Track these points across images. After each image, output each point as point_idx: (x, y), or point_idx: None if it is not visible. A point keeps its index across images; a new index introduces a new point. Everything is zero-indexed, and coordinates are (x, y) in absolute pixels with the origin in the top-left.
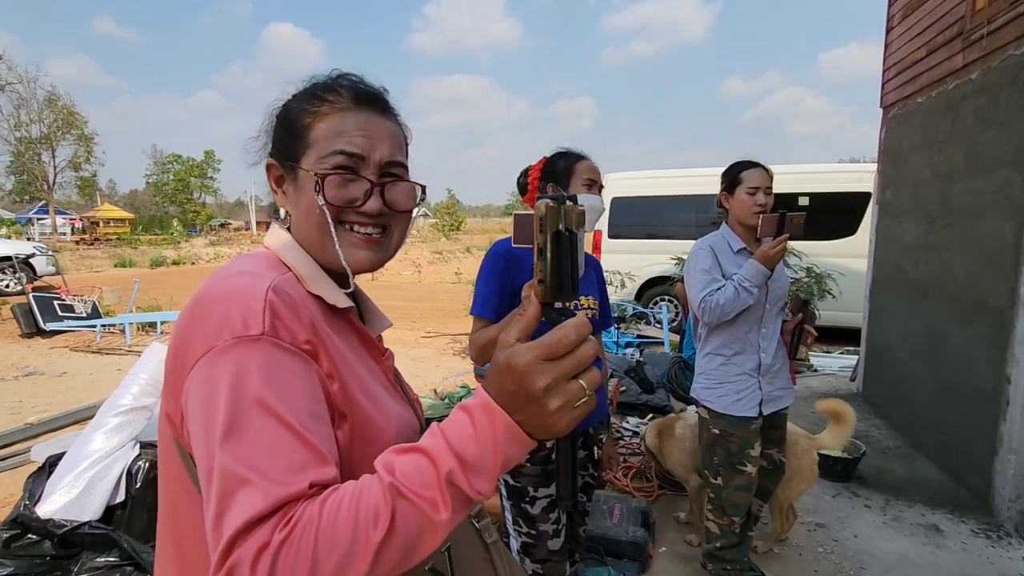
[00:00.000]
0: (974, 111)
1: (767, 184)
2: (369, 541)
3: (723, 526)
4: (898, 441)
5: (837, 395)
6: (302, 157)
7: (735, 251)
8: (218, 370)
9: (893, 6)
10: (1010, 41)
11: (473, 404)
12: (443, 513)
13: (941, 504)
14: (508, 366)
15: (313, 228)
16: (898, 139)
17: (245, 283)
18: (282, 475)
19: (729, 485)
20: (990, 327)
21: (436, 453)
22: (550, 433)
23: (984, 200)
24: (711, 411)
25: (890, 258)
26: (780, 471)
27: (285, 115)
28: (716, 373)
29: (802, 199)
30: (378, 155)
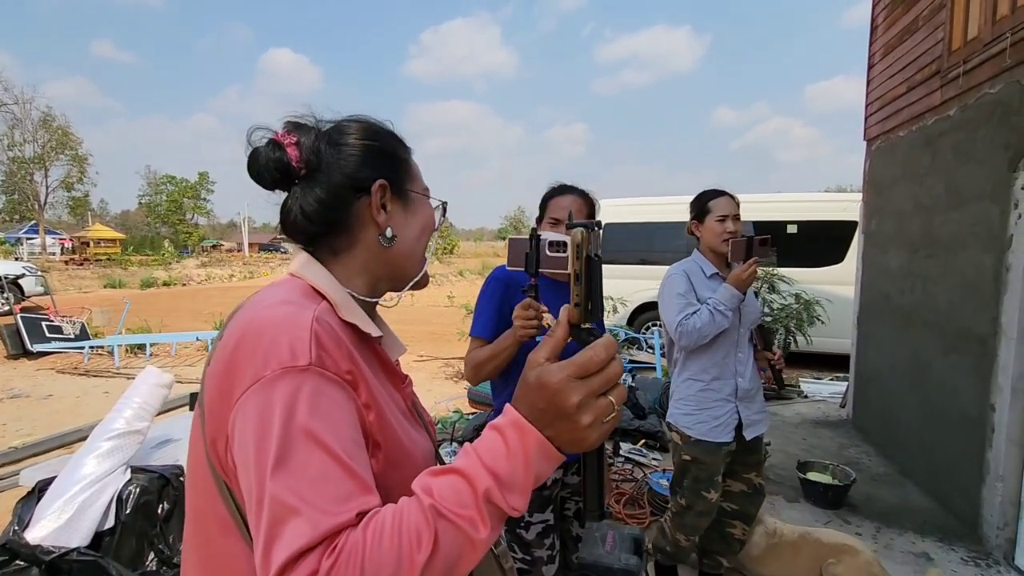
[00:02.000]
0: (953, 146)
1: (735, 211)
2: (414, 563)
3: (679, 539)
4: (887, 468)
5: (827, 421)
6: (410, 184)
7: (708, 276)
8: (267, 400)
9: (874, 44)
10: (985, 80)
11: (504, 423)
12: (482, 531)
13: (931, 531)
14: (540, 384)
15: (421, 247)
16: (881, 171)
17: (289, 312)
18: (330, 505)
19: (693, 509)
20: (973, 355)
21: (472, 473)
22: (580, 448)
23: (964, 232)
24: (685, 437)
25: (877, 286)
26: (760, 494)
27: (389, 145)
28: (695, 399)
29: (790, 227)
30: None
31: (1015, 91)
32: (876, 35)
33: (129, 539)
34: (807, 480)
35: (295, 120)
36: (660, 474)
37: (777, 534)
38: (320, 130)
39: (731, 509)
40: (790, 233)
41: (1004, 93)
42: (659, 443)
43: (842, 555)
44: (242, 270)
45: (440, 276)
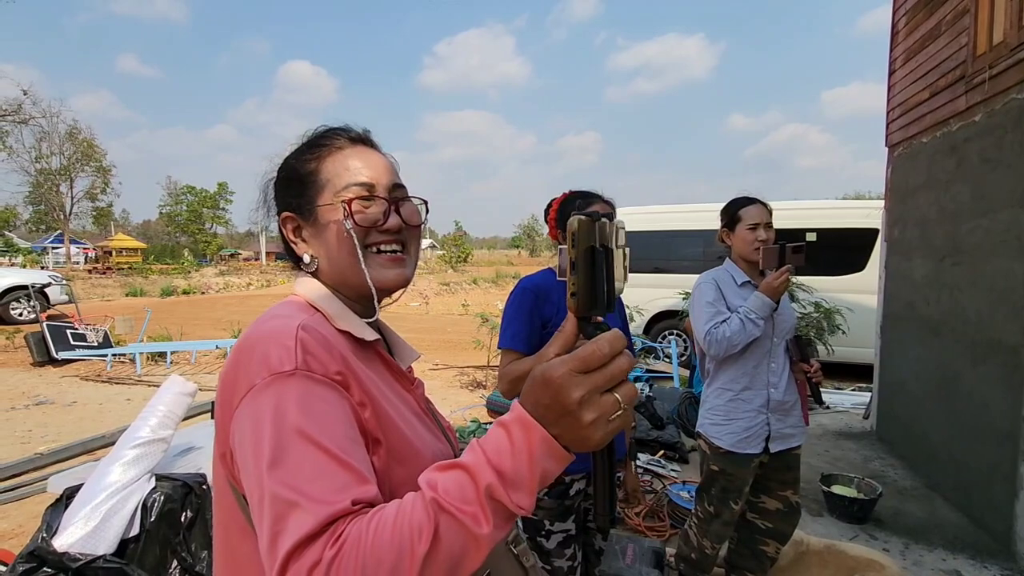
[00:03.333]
0: (979, 152)
1: (767, 219)
2: (415, 554)
3: (704, 545)
4: (915, 481)
5: (851, 433)
6: (317, 199)
7: (739, 284)
8: (259, 406)
9: (895, 50)
10: (1012, 85)
11: (510, 419)
12: (485, 527)
13: (962, 548)
14: (544, 379)
15: (344, 256)
16: (904, 178)
17: (278, 325)
18: (327, 495)
19: (720, 518)
20: (1004, 366)
21: (475, 468)
22: (585, 447)
23: (993, 239)
24: (714, 447)
25: (901, 295)
26: (796, 513)
27: (287, 172)
28: (725, 409)
29: (809, 235)
30: (384, 181)
31: None
32: (897, 41)
33: (153, 547)
34: (831, 493)
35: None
36: (680, 486)
37: (804, 545)
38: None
39: (765, 527)
40: (809, 241)
41: None
42: (678, 454)
43: (869, 570)
44: (259, 279)
45: (454, 284)
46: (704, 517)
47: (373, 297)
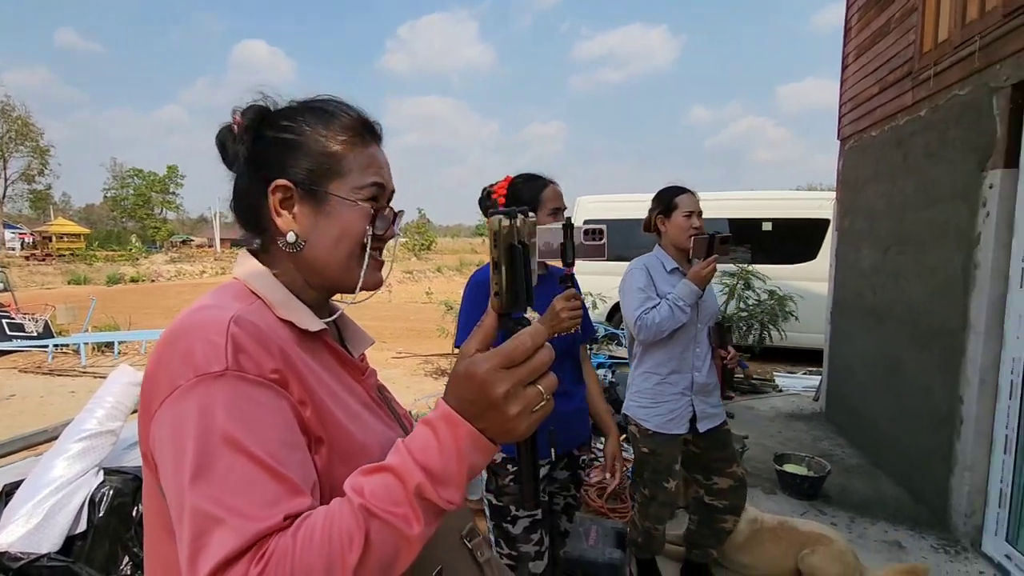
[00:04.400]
0: (924, 146)
1: (698, 208)
2: (346, 563)
3: (648, 528)
4: (861, 460)
5: (801, 415)
6: (331, 184)
7: (668, 271)
8: (183, 410)
9: (848, 45)
10: (955, 82)
11: (435, 417)
12: (416, 527)
13: (903, 521)
14: (468, 375)
15: (343, 253)
16: (854, 170)
17: (207, 318)
18: (255, 511)
19: (656, 499)
20: (943, 350)
21: (403, 470)
22: (511, 437)
23: (935, 230)
24: (643, 430)
25: (849, 283)
26: (744, 484)
27: (302, 138)
28: (652, 392)
29: (765, 224)
30: (391, 187)
31: (984, 93)
32: (850, 36)
33: (102, 543)
34: (784, 472)
35: (258, 101)
36: None
37: (759, 522)
38: (265, 112)
39: (722, 505)
40: (765, 231)
41: (973, 95)
42: None
43: (818, 544)
44: (214, 266)
45: (418, 272)
46: (643, 501)
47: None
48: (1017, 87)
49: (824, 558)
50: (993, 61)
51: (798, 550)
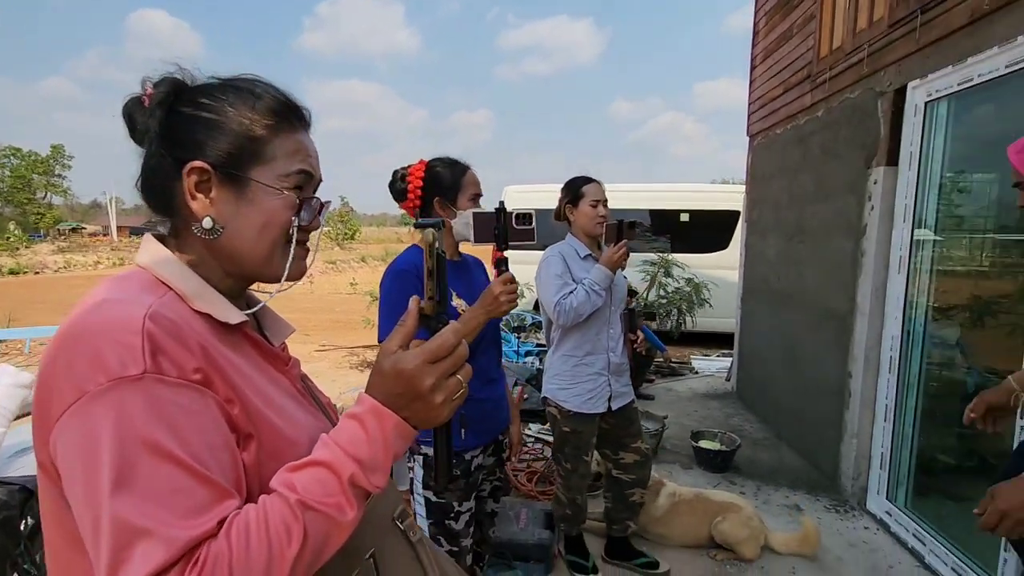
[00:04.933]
0: (820, 144)
1: (604, 197)
2: (285, 558)
3: (569, 499)
4: (766, 433)
5: (715, 394)
6: (254, 170)
7: (582, 257)
8: (94, 417)
9: (756, 47)
10: (847, 86)
11: (361, 411)
12: (350, 513)
13: (801, 486)
14: (396, 371)
15: (265, 244)
16: (762, 165)
17: (116, 313)
18: (184, 519)
19: (577, 472)
20: (835, 331)
21: (334, 462)
22: (434, 424)
23: (829, 221)
24: (563, 410)
25: (757, 270)
26: (649, 459)
27: (222, 118)
28: (570, 373)
29: (684, 215)
30: (318, 176)
31: (870, 97)
32: (758, 39)
33: None
34: (699, 448)
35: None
36: None
37: (677, 495)
38: (181, 86)
39: (630, 479)
40: (683, 221)
41: (861, 98)
42: None
43: (728, 512)
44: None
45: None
46: (565, 475)
47: (261, 280)
48: (899, 92)
49: (734, 524)
50: (878, 68)
51: (712, 518)
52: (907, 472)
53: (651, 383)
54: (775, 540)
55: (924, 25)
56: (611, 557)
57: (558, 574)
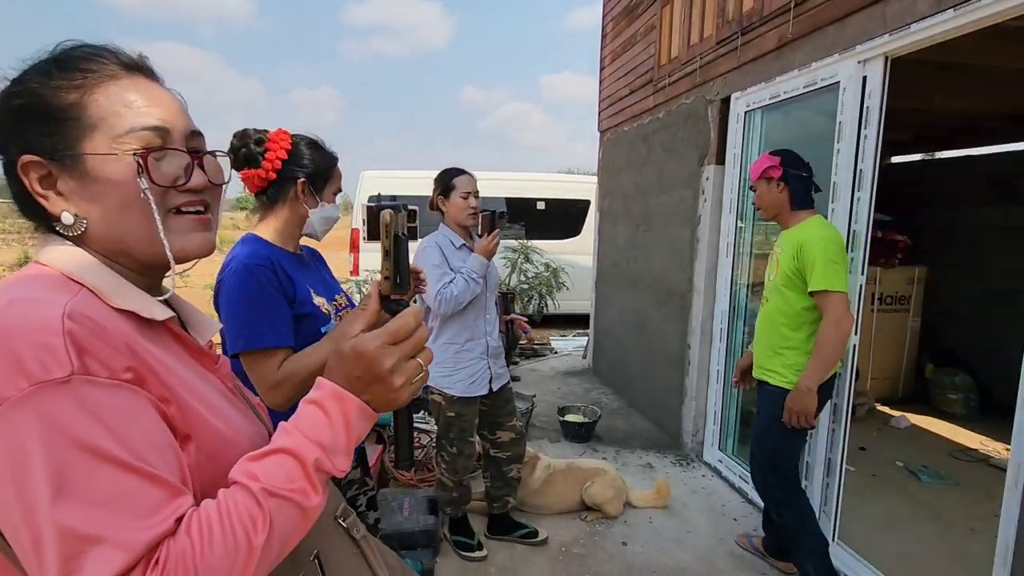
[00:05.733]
0: (662, 143)
1: (475, 189)
2: (253, 547)
3: (456, 482)
4: (621, 403)
5: (575, 372)
6: (83, 142)
7: (457, 247)
8: (19, 425)
9: (604, 49)
10: (683, 92)
11: (321, 395)
12: (314, 499)
13: (652, 447)
14: (357, 354)
15: (133, 221)
16: (611, 159)
17: (30, 314)
18: (138, 521)
19: (463, 454)
20: (677, 308)
21: (297, 448)
22: (394, 406)
23: (671, 212)
24: (447, 396)
25: (609, 255)
26: (523, 436)
27: (28, 99)
28: (452, 360)
29: (540, 203)
30: (180, 126)
31: (702, 104)
32: (606, 42)
33: None
34: (565, 422)
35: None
36: None
37: (551, 468)
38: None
39: (506, 456)
40: (540, 209)
41: (695, 105)
42: None
43: (596, 476)
44: None
45: None
46: (450, 460)
47: (170, 268)
48: (724, 101)
49: (601, 487)
50: (708, 79)
51: (582, 484)
52: (734, 425)
53: (516, 365)
54: (634, 497)
55: (744, 46)
56: (493, 533)
57: (445, 557)
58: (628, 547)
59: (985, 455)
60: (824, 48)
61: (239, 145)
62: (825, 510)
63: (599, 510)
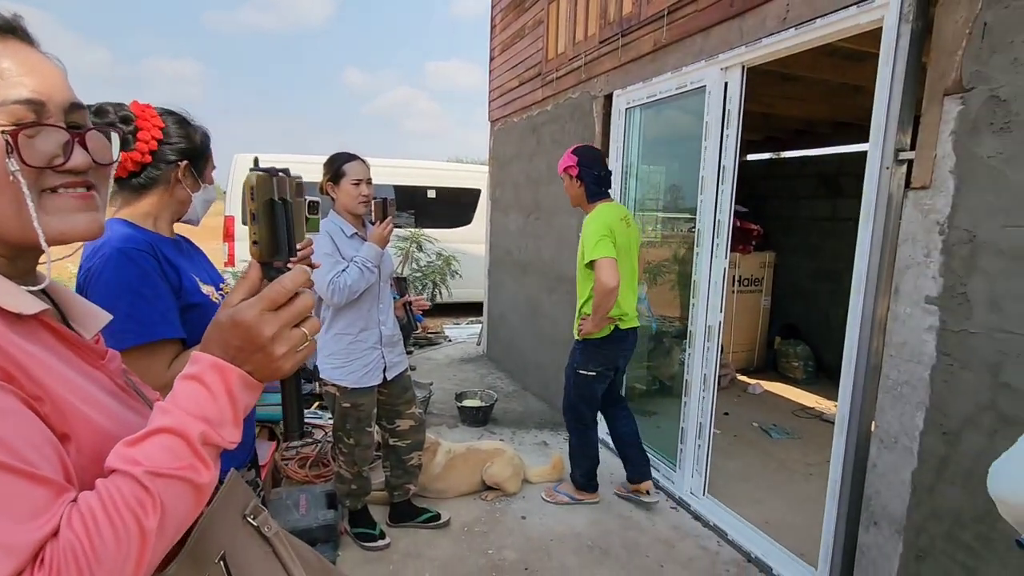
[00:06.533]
0: (551, 134)
1: (367, 176)
2: (145, 531)
3: (355, 474)
4: (515, 386)
5: (469, 358)
6: None
7: (348, 236)
8: None
9: (494, 40)
10: (569, 87)
11: (199, 370)
12: (205, 475)
13: (545, 426)
14: (234, 322)
15: (3, 204)
16: (502, 148)
17: None
18: (23, 524)
19: (361, 444)
20: (565, 292)
21: (179, 425)
22: (278, 375)
23: (559, 201)
24: (342, 388)
25: (501, 243)
26: (423, 423)
27: None
28: (345, 352)
29: (431, 192)
30: (59, 98)
31: (587, 99)
32: (495, 33)
33: None
34: (463, 407)
35: None
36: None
37: (451, 452)
38: None
39: (405, 444)
40: (430, 198)
41: (581, 99)
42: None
43: (494, 457)
44: None
45: None
46: (348, 451)
47: (44, 254)
48: (607, 98)
49: (500, 466)
50: (593, 76)
51: (482, 466)
52: None
53: (410, 354)
54: (531, 473)
55: (624, 47)
56: (395, 521)
57: (347, 549)
58: (527, 520)
59: (820, 412)
60: (693, 54)
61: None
62: (697, 468)
63: (499, 488)
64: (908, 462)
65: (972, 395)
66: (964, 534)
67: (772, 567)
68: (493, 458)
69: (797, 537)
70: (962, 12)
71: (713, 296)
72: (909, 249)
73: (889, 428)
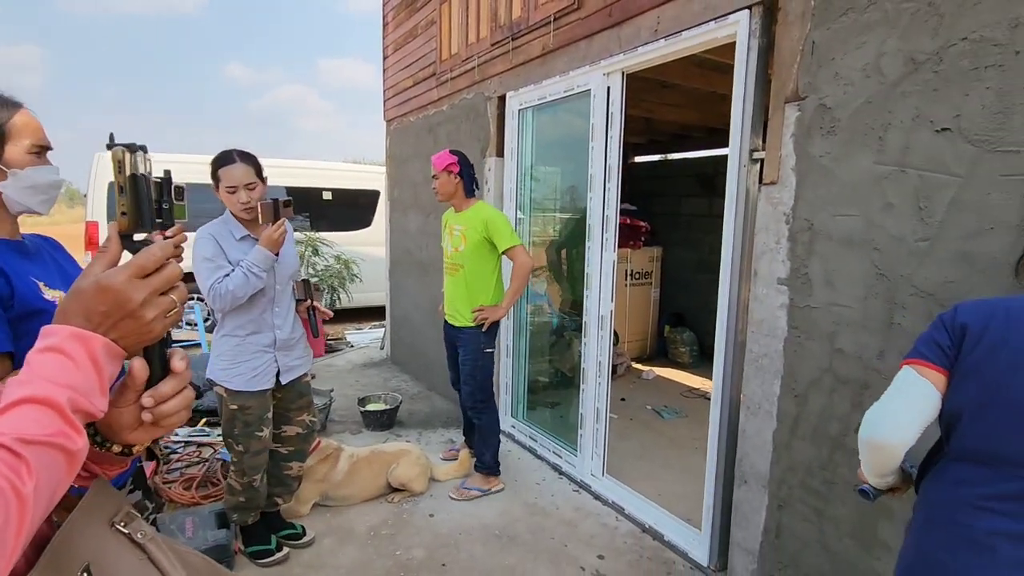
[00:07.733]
0: (447, 134)
1: (249, 179)
2: (23, 496)
3: (244, 484)
4: (420, 388)
5: (373, 363)
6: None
7: (238, 239)
8: None
9: (387, 39)
10: (463, 88)
11: (58, 341)
12: (79, 441)
13: (452, 424)
14: (101, 287)
15: None
16: (399, 148)
17: None
18: None
19: (250, 451)
20: None
21: (43, 394)
22: (146, 340)
23: None
24: (228, 390)
25: (401, 244)
26: (313, 431)
27: None
28: (232, 353)
29: (326, 194)
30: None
31: (481, 100)
32: (388, 31)
33: None
34: (366, 411)
35: None
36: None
37: (354, 456)
38: None
39: (288, 452)
40: (326, 200)
41: (475, 100)
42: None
43: (400, 458)
44: None
45: None
46: (238, 459)
47: None
48: (501, 99)
49: (406, 466)
50: (486, 77)
51: (387, 468)
52: (522, 393)
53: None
54: (439, 472)
55: (515, 50)
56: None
57: (243, 569)
58: (435, 518)
59: (705, 392)
60: (578, 59)
61: None
62: (596, 451)
63: (406, 489)
64: (769, 424)
65: (815, 361)
66: (813, 481)
67: (664, 534)
68: (398, 459)
69: (686, 505)
70: (796, 31)
71: (604, 287)
72: (764, 237)
73: (753, 396)
